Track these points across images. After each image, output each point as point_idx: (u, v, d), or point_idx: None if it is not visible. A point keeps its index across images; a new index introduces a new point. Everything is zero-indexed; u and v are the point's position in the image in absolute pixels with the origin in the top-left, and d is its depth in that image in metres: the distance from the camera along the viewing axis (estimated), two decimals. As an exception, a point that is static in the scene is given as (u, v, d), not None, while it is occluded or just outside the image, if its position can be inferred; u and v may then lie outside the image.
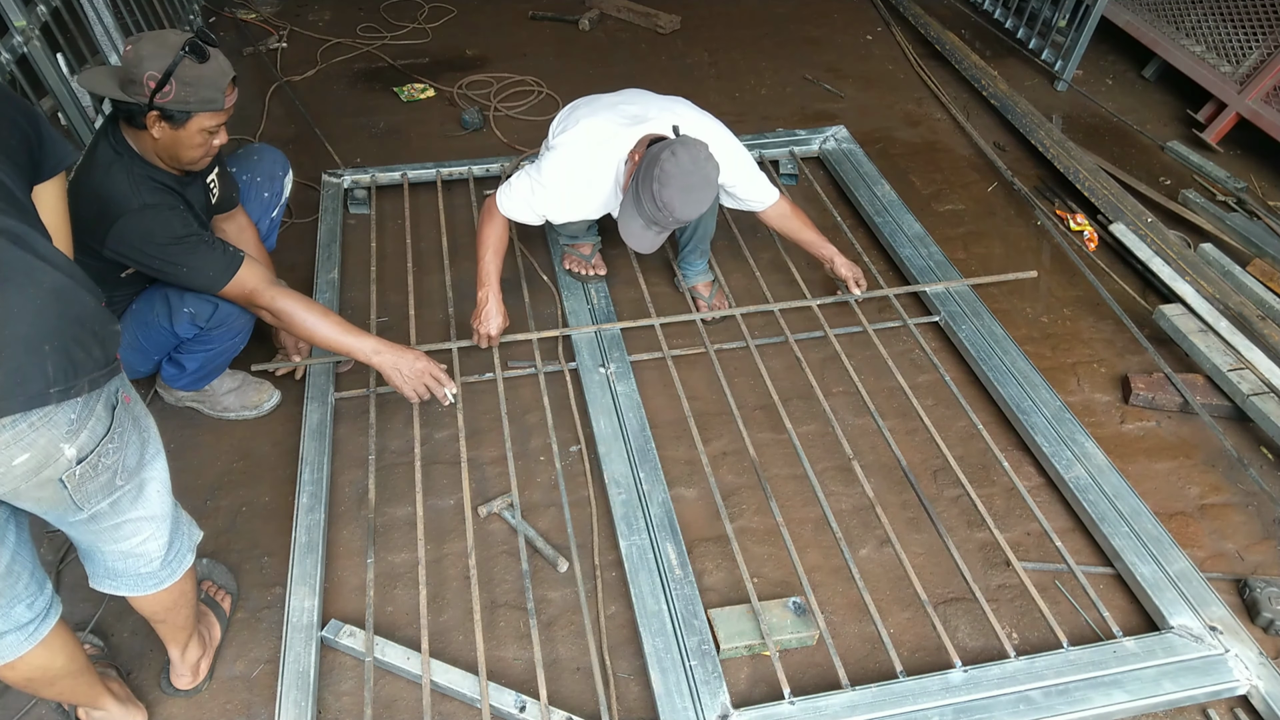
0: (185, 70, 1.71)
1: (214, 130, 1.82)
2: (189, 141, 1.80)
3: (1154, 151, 3.45)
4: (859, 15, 4.39)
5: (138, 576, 1.41)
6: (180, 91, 1.72)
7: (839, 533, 1.91)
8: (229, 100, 1.80)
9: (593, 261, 2.52)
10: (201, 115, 1.77)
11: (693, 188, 1.91)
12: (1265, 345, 2.36)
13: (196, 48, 1.71)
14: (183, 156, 1.84)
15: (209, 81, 1.74)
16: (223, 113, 1.80)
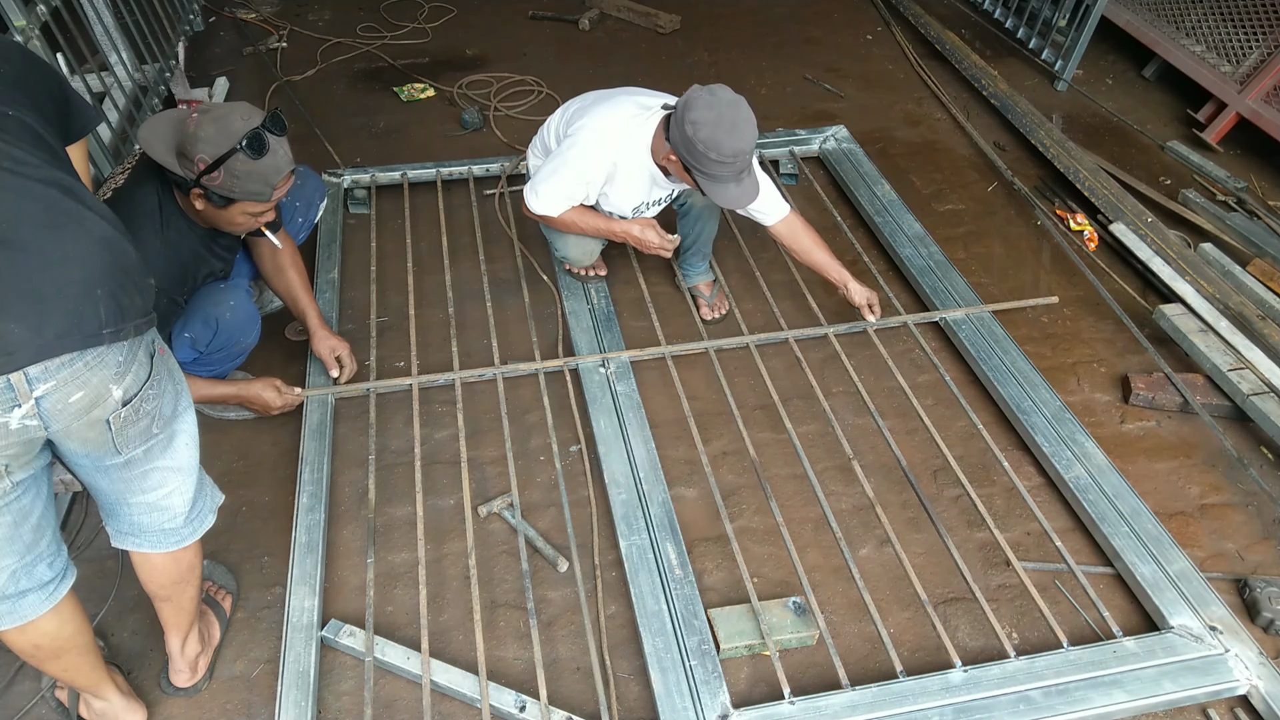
0: (237, 163, 1.68)
1: (258, 214, 1.82)
2: (229, 221, 1.81)
3: (1154, 151, 3.45)
4: (859, 15, 4.39)
5: (161, 532, 1.42)
6: (227, 181, 1.70)
7: (839, 532, 1.91)
8: (278, 193, 1.78)
9: (593, 263, 2.51)
10: (245, 203, 1.76)
11: (735, 123, 1.86)
12: (1265, 345, 2.36)
13: (255, 142, 1.67)
14: (222, 228, 1.86)
15: (259, 177, 1.71)
16: (269, 204, 1.79)
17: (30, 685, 1.67)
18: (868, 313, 2.37)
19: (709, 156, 1.86)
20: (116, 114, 2.93)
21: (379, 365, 2.34)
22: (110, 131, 2.81)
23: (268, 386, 2.07)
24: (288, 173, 1.77)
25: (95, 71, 3.12)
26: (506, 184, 3.00)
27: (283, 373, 2.18)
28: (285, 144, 1.76)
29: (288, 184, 1.79)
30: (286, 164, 1.76)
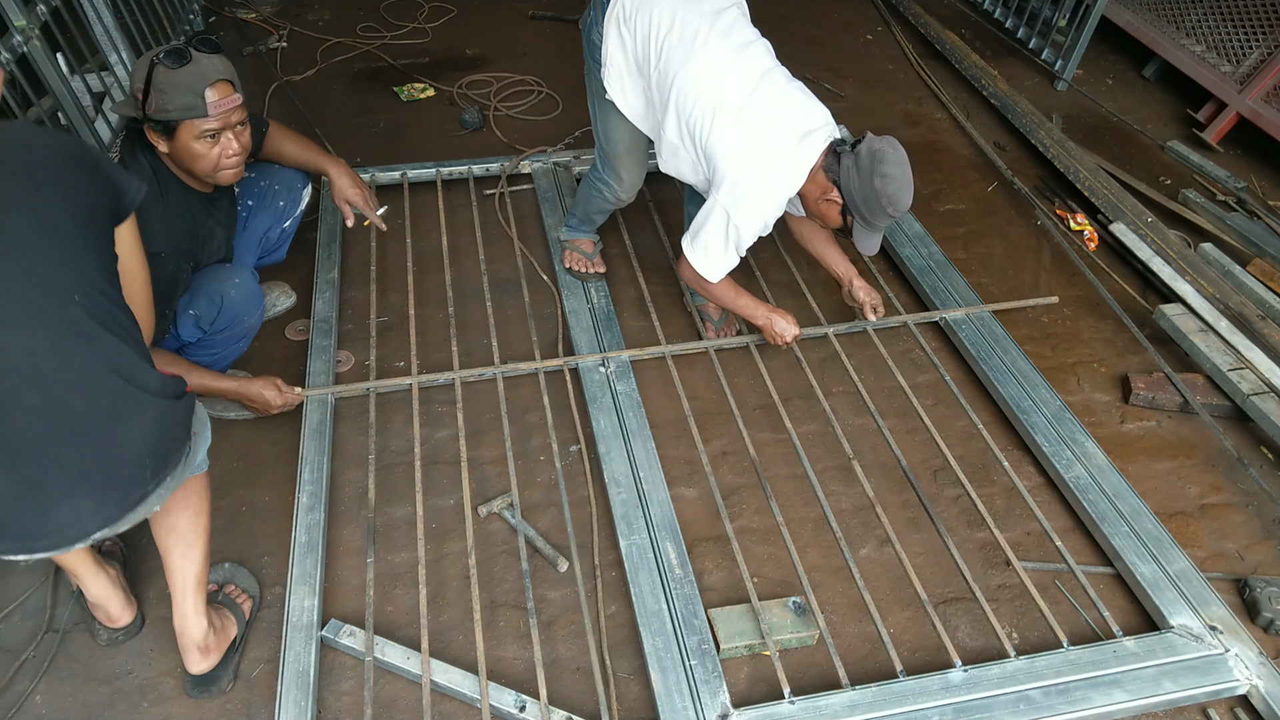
0: (159, 77, 1.66)
1: (211, 135, 1.75)
2: (189, 152, 1.76)
3: (1154, 151, 3.45)
4: (859, 15, 4.39)
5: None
6: (158, 100, 1.68)
7: (839, 532, 1.91)
8: (215, 106, 1.71)
9: (594, 260, 2.50)
10: (188, 123, 1.71)
11: (911, 181, 1.87)
12: (1265, 345, 2.36)
13: (172, 52, 1.66)
14: (195, 168, 1.81)
15: (184, 87, 1.67)
16: (210, 118, 1.72)
17: (28, 685, 1.67)
18: (869, 312, 2.35)
19: (886, 211, 1.86)
20: (117, 114, 2.93)
21: (379, 365, 2.34)
22: (110, 131, 2.81)
23: (268, 385, 2.07)
24: (218, 81, 1.71)
25: (95, 71, 3.12)
26: (506, 184, 3.00)
27: (282, 372, 2.18)
28: (217, 59, 1.72)
29: (227, 96, 1.73)
30: (214, 71, 1.70)
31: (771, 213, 1.97)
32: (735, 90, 1.93)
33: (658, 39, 1.99)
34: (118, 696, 1.67)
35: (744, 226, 1.95)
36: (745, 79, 1.95)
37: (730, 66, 1.96)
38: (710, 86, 1.93)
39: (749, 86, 1.94)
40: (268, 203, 2.30)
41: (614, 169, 2.28)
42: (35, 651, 1.72)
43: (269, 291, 2.42)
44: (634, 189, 2.34)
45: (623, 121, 2.18)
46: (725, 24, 2.02)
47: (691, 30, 1.96)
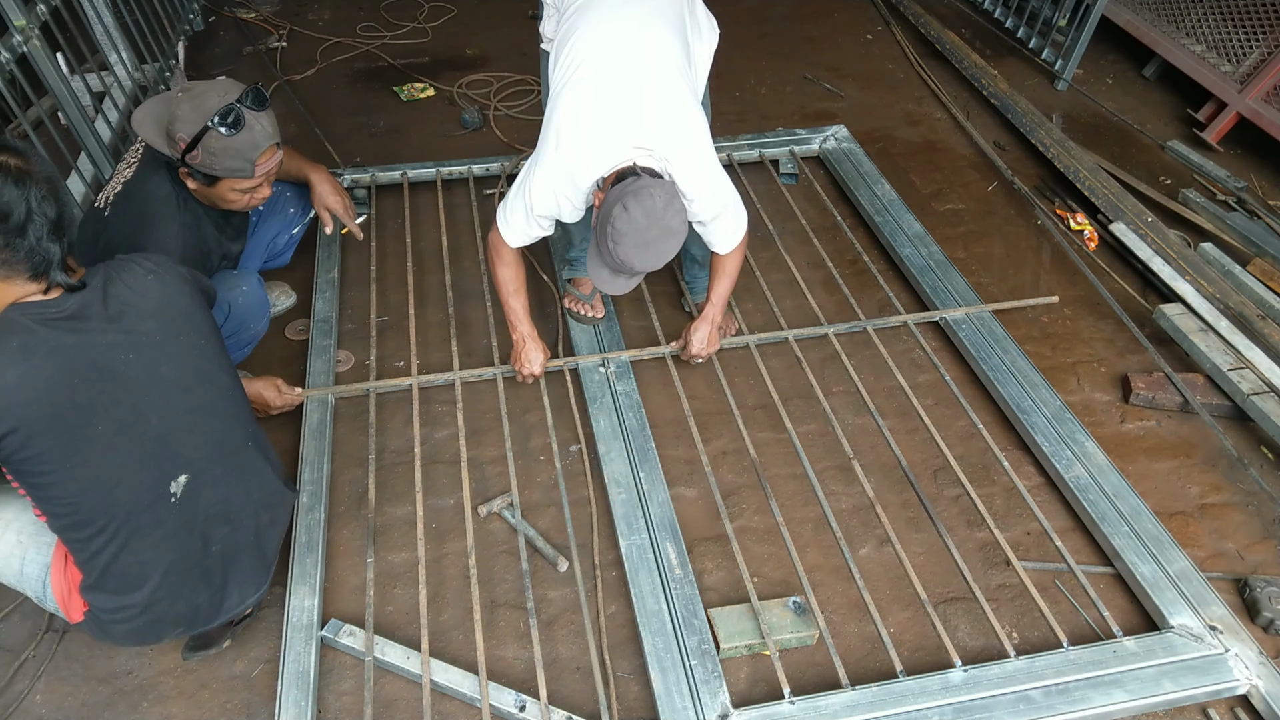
0: (212, 140, 1.70)
1: (249, 190, 1.84)
2: (222, 198, 1.84)
3: (1154, 151, 3.45)
4: (859, 14, 4.39)
5: None
6: (206, 159, 1.72)
7: (839, 532, 1.91)
8: (261, 169, 1.79)
9: (591, 302, 2.42)
10: (231, 179, 1.78)
11: (650, 243, 1.73)
12: (1265, 345, 2.36)
13: (229, 119, 1.69)
14: (221, 206, 1.89)
15: (236, 153, 1.73)
16: (254, 179, 1.80)
17: (27, 684, 1.67)
18: (687, 355, 2.26)
19: (607, 243, 1.75)
20: (116, 114, 2.93)
21: (379, 365, 2.34)
22: (110, 131, 2.81)
23: (269, 385, 2.07)
24: (268, 147, 1.77)
25: (95, 71, 3.12)
26: (506, 184, 3.00)
27: (282, 372, 2.18)
28: (266, 118, 1.76)
29: (272, 158, 1.80)
30: (265, 139, 1.76)
31: (564, 192, 1.86)
32: (602, 60, 1.82)
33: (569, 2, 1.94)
34: (117, 696, 1.67)
35: (535, 191, 1.87)
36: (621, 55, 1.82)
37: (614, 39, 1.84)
38: (582, 47, 1.83)
39: (616, 63, 1.82)
40: (278, 209, 2.32)
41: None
42: (35, 651, 1.72)
43: (270, 291, 2.41)
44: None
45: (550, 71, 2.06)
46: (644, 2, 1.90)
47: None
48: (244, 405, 1.59)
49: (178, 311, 1.45)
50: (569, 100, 1.83)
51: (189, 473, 1.45)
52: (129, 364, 1.36)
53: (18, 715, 1.63)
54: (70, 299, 1.32)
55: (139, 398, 1.37)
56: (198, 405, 1.46)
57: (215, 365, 1.51)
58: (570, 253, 2.47)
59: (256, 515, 1.59)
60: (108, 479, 1.36)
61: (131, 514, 1.40)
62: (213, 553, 1.52)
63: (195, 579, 1.51)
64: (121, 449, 1.36)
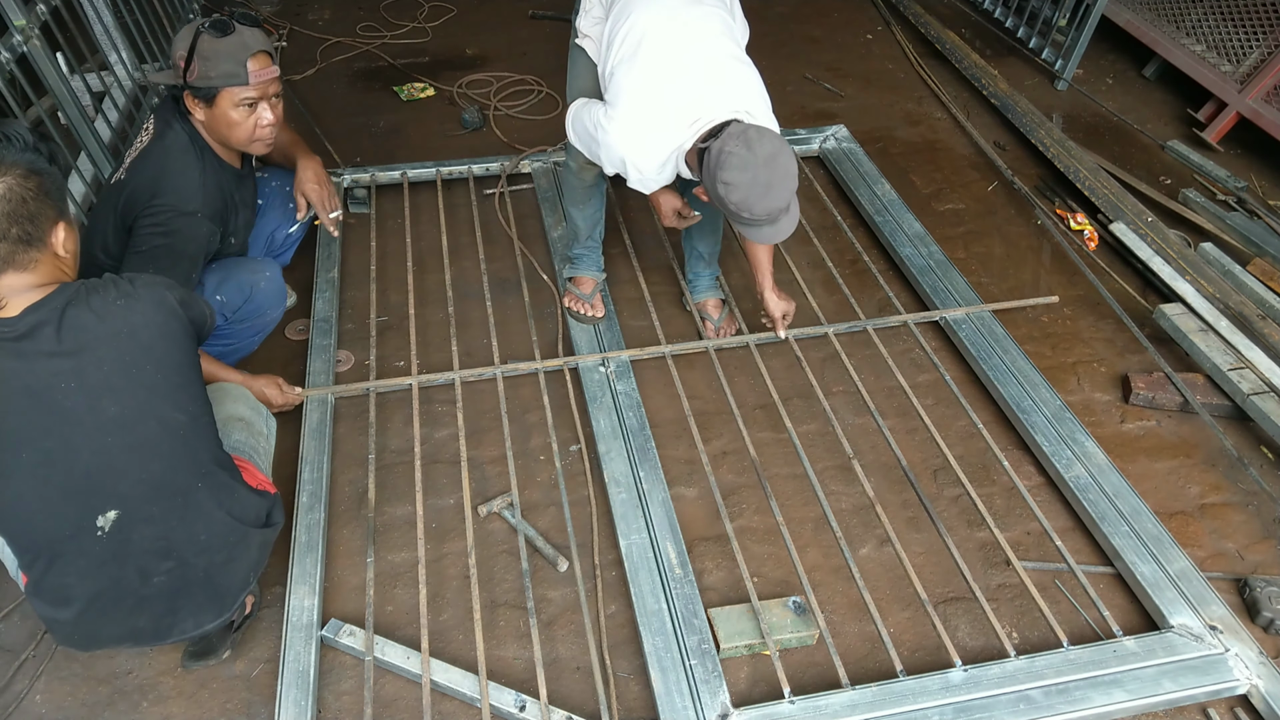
0: (204, 45, 1.76)
1: (249, 104, 1.85)
2: (226, 120, 1.86)
3: (1154, 151, 3.45)
4: (859, 14, 4.39)
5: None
6: (201, 67, 1.78)
7: (839, 532, 1.91)
8: (256, 75, 1.83)
9: (591, 301, 2.41)
10: (228, 90, 1.82)
11: (770, 184, 1.67)
12: (1265, 344, 2.36)
13: (217, 23, 1.77)
14: (231, 137, 1.90)
15: (227, 55, 1.78)
16: (250, 87, 1.83)
17: (27, 684, 1.67)
18: (780, 327, 2.28)
19: (741, 215, 1.72)
20: (116, 114, 2.93)
21: (379, 365, 2.34)
22: (110, 131, 2.81)
23: (270, 383, 2.07)
24: (259, 51, 1.82)
25: (95, 71, 3.12)
26: (506, 183, 3.00)
27: (282, 372, 2.18)
28: (258, 32, 1.84)
29: (266, 68, 1.84)
30: (256, 42, 1.82)
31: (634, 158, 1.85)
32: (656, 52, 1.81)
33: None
34: (117, 696, 1.67)
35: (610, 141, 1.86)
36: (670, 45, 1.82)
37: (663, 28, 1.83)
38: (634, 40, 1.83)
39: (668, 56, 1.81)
40: (277, 203, 2.33)
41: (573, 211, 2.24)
42: (35, 651, 1.72)
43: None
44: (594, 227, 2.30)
45: (587, 65, 2.06)
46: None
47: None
48: (203, 444, 1.46)
49: (138, 343, 1.34)
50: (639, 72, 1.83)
51: (120, 509, 1.37)
52: (68, 394, 1.28)
53: (18, 715, 1.63)
54: (25, 319, 1.26)
55: (72, 430, 1.30)
56: (138, 443, 1.35)
57: (168, 404, 1.38)
58: (573, 249, 2.46)
59: (206, 555, 1.48)
60: (28, 507, 1.33)
61: (53, 542, 1.36)
62: (154, 583, 1.44)
63: (129, 607, 1.44)
64: (46, 481, 1.31)
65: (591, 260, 2.45)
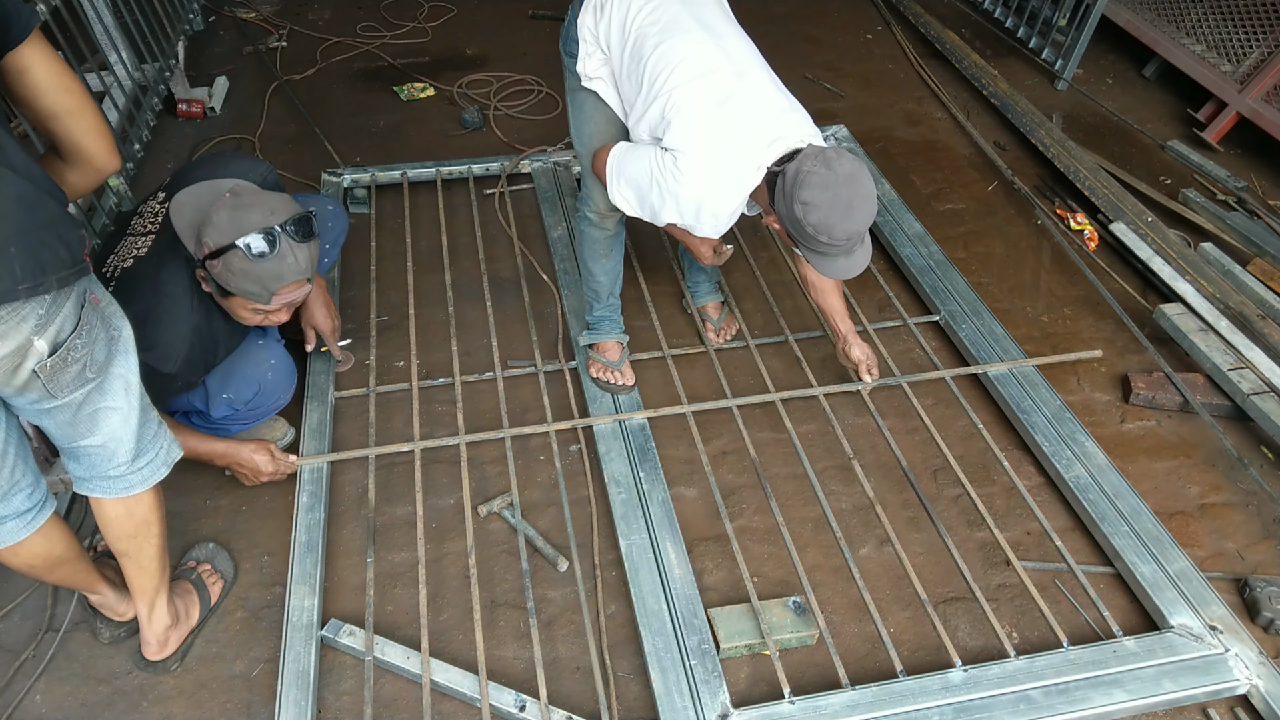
0: (235, 259, 1.57)
1: (262, 313, 1.71)
2: (233, 311, 1.72)
3: (1154, 150, 3.45)
4: (859, 14, 4.39)
5: (107, 478, 1.46)
6: (224, 272, 1.59)
7: (839, 532, 1.91)
8: (280, 299, 1.65)
9: (621, 369, 2.23)
10: (244, 299, 1.64)
11: (851, 205, 1.57)
12: (1265, 344, 2.36)
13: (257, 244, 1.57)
14: (234, 316, 1.74)
15: (255, 279, 1.59)
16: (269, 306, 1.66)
17: (27, 684, 1.67)
18: (864, 373, 2.17)
19: (819, 239, 1.60)
20: (116, 114, 2.93)
21: (379, 365, 2.34)
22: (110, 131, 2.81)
23: (260, 449, 1.92)
24: (295, 281, 1.64)
25: (95, 71, 3.12)
26: (506, 183, 3.00)
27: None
28: (304, 251, 1.63)
29: (297, 290, 1.66)
30: (295, 272, 1.62)
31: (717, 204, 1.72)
32: (709, 79, 1.70)
33: (634, 25, 1.79)
34: (117, 696, 1.67)
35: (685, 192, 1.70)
36: (721, 73, 1.72)
37: (708, 54, 1.73)
38: (683, 69, 1.71)
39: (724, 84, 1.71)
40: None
41: (589, 169, 1.97)
42: (35, 651, 1.72)
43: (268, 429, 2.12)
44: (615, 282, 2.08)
45: (598, 108, 1.93)
46: (706, 14, 1.81)
47: (669, 16, 1.77)
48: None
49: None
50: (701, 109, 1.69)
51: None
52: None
53: (18, 715, 1.63)
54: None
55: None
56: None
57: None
58: (593, 312, 2.26)
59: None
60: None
61: None
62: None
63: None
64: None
65: (614, 323, 2.26)
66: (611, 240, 2.11)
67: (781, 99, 1.77)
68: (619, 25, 1.82)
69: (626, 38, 1.81)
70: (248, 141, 3.24)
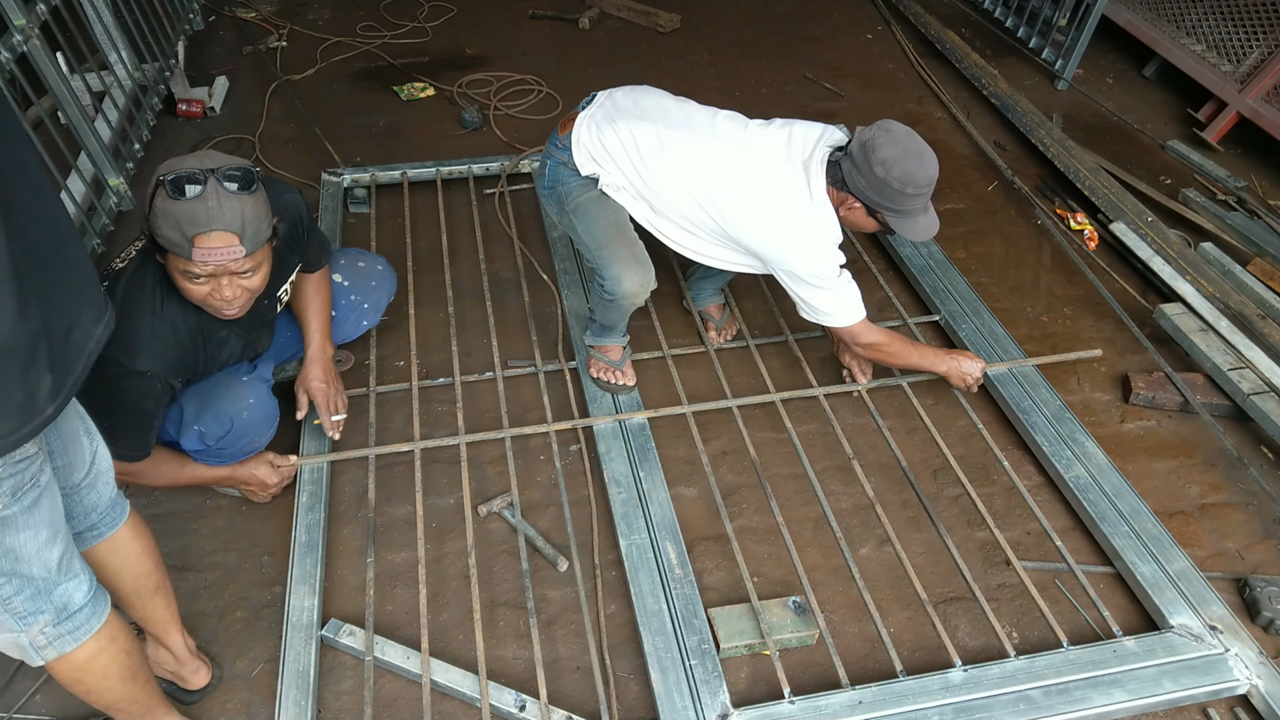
0: (159, 199, 1.44)
1: (197, 281, 1.51)
2: (176, 281, 1.53)
3: (1154, 150, 3.45)
4: (859, 14, 4.39)
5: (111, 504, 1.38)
6: (152, 220, 1.46)
7: (839, 532, 1.91)
8: (202, 253, 1.45)
9: (622, 369, 2.24)
10: (175, 257, 1.47)
11: (921, 152, 1.78)
12: (1265, 344, 2.36)
13: (177, 180, 1.42)
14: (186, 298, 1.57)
15: (171, 220, 1.42)
16: (194, 264, 1.46)
17: (26, 684, 1.67)
18: (859, 375, 2.26)
19: (905, 192, 1.78)
20: (116, 113, 2.93)
21: (379, 365, 2.34)
22: (110, 131, 2.81)
23: (258, 462, 1.90)
24: (218, 231, 1.43)
25: (95, 71, 3.12)
26: (506, 183, 3.00)
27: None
28: (234, 201, 1.44)
29: (223, 248, 1.45)
30: (219, 220, 1.43)
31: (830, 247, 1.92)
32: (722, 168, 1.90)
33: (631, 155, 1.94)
34: (118, 696, 1.66)
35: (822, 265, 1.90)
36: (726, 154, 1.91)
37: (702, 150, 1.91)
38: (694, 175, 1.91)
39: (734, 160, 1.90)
40: (351, 318, 2.16)
41: (610, 258, 1.96)
42: (35, 651, 1.72)
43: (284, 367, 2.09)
44: (644, 279, 1.97)
45: (603, 205, 1.98)
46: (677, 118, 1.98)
47: (652, 139, 1.92)
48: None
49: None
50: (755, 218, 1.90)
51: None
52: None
53: (19, 715, 1.63)
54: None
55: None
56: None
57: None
58: (592, 323, 2.26)
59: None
60: None
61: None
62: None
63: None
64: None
65: (614, 332, 2.25)
66: (628, 308, 2.10)
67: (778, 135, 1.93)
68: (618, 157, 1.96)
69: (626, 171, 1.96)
70: (247, 141, 3.24)
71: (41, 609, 1.22)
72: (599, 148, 1.97)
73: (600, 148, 1.96)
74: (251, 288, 1.57)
